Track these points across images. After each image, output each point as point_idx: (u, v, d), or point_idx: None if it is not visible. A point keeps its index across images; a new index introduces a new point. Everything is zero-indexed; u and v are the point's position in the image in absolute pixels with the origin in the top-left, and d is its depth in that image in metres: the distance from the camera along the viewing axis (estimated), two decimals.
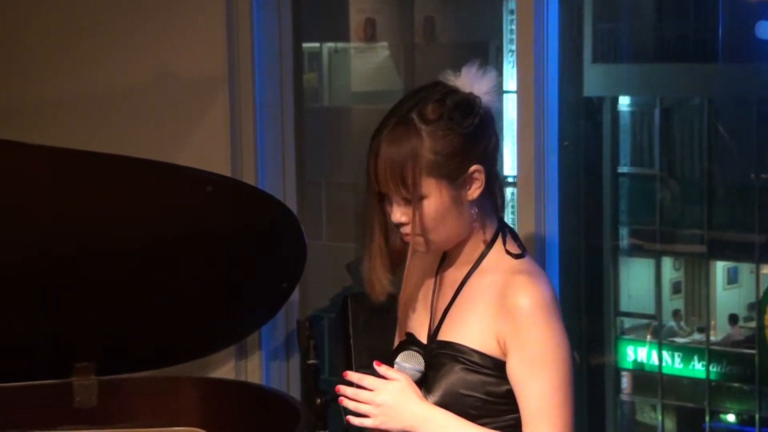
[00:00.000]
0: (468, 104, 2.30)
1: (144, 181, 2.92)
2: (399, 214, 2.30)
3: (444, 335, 2.37)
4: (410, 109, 2.29)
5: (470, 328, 2.33)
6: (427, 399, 2.33)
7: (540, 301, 2.27)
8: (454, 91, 2.31)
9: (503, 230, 2.40)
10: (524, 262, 2.37)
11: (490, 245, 2.37)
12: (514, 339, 2.27)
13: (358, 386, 2.35)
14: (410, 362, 2.36)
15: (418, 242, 2.32)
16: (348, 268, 4.00)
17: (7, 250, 2.86)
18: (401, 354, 2.38)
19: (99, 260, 2.94)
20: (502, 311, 2.29)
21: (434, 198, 2.28)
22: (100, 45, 3.85)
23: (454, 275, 2.41)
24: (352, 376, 2.36)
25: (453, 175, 2.29)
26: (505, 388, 2.30)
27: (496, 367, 2.30)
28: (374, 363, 2.35)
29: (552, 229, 3.20)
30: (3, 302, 2.95)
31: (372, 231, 2.36)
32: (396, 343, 2.50)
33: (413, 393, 2.31)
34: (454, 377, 2.32)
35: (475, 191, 2.32)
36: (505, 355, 2.30)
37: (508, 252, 2.37)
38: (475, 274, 2.37)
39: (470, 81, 2.33)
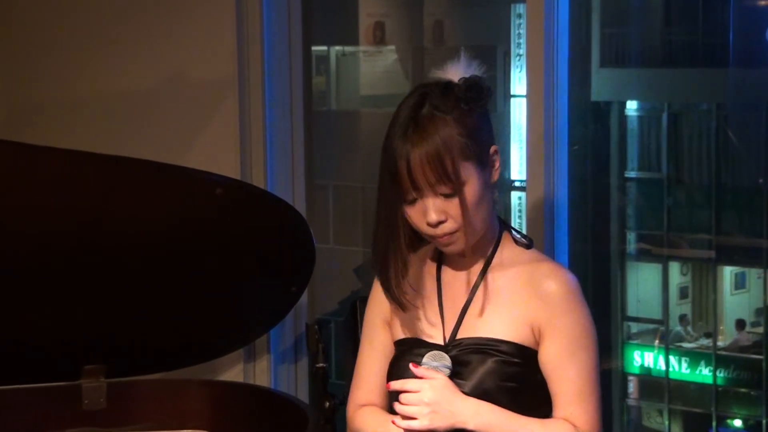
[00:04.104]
0: (477, 84, 2.34)
1: (153, 183, 2.91)
2: (436, 213, 2.30)
3: (467, 332, 2.37)
4: (420, 107, 2.30)
5: (498, 322, 2.35)
6: None
7: (571, 285, 2.33)
8: (449, 81, 2.35)
9: (506, 226, 2.41)
10: (537, 252, 2.42)
11: (498, 241, 2.39)
12: (552, 323, 2.31)
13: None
14: (438, 361, 2.36)
15: (456, 239, 2.32)
16: (356, 271, 4.00)
17: (16, 251, 2.86)
18: (428, 354, 2.37)
19: (108, 262, 2.94)
20: (536, 299, 2.32)
21: (471, 183, 2.30)
22: (110, 48, 3.86)
23: (463, 275, 2.42)
24: (394, 384, 2.36)
25: (480, 157, 2.32)
26: (537, 376, 2.32)
27: (526, 356, 2.33)
28: (411, 365, 2.35)
29: (560, 233, 3.20)
30: (12, 304, 2.95)
31: (399, 242, 2.36)
32: (375, 353, 2.51)
33: (456, 389, 2.32)
34: (487, 369, 2.33)
35: (495, 174, 2.36)
36: (537, 343, 2.32)
37: (519, 244, 2.39)
38: (491, 270, 2.38)
39: (464, 68, 2.37)
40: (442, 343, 2.39)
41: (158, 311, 3.07)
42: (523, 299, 2.33)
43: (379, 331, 2.52)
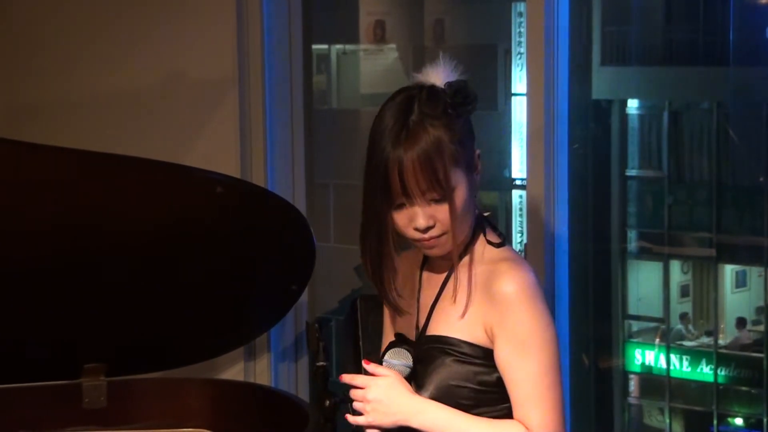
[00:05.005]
0: (463, 89, 2.33)
1: (154, 181, 2.91)
2: (424, 218, 2.30)
3: (432, 330, 2.39)
4: (409, 113, 2.30)
5: (458, 320, 2.35)
6: (420, 393, 2.35)
7: (523, 285, 2.30)
8: (433, 85, 2.34)
9: (482, 222, 2.41)
10: (505, 251, 2.40)
11: (472, 239, 2.39)
12: (501, 324, 2.30)
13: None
14: (398, 358, 2.39)
15: (442, 242, 2.33)
16: (356, 270, 4.00)
17: (16, 250, 2.86)
18: (389, 351, 2.40)
19: (108, 261, 2.94)
20: (488, 299, 2.32)
21: (460, 189, 2.30)
22: (111, 47, 3.86)
23: (437, 274, 2.44)
24: (344, 378, 2.40)
25: (468, 162, 2.32)
26: (495, 376, 2.33)
27: (486, 356, 2.33)
28: (363, 362, 2.39)
29: (561, 232, 3.20)
30: (13, 302, 2.95)
31: (389, 248, 2.37)
32: (385, 344, 2.52)
33: (403, 387, 2.34)
34: (446, 369, 2.34)
35: (477, 177, 2.36)
36: (492, 342, 2.32)
37: (489, 242, 2.39)
38: (459, 268, 2.38)
39: (444, 72, 2.35)
40: (414, 339, 2.42)
41: (158, 310, 3.07)
42: (477, 299, 2.34)
43: (388, 324, 2.56)
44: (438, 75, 2.34)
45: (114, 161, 2.90)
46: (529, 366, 2.28)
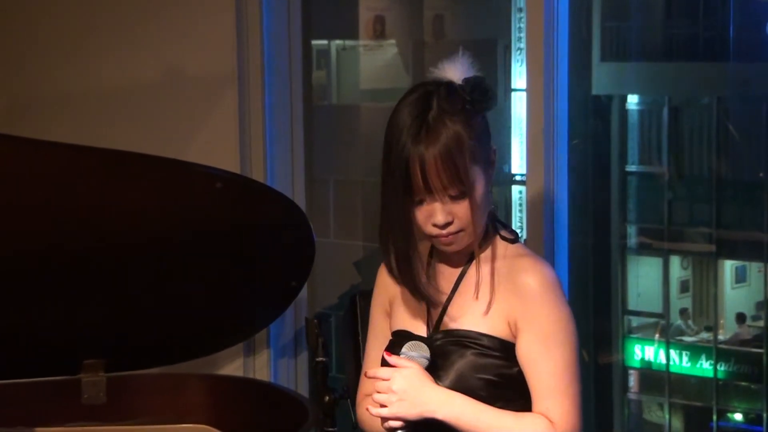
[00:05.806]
0: (481, 85, 2.34)
1: (153, 177, 2.91)
2: (443, 215, 2.31)
3: (449, 325, 2.40)
4: (428, 109, 2.30)
5: (477, 315, 2.36)
6: (438, 384, 2.35)
7: (547, 279, 2.33)
8: (450, 82, 2.34)
9: (494, 220, 2.42)
10: (522, 247, 2.43)
11: (484, 236, 2.39)
12: (526, 318, 2.31)
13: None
14: (416, 351, 2.37)
15: (459, 239, 2.33)
16: (356, 265, 4.00)
17: (16, 246, 2.86)
18: (406, 344, 2.38)
19: (108, 256, 2.94)
20: (512, 293, 2.33)
21: (479, 185, 2.32)
22: (110, 43, 3.86)
23: (450, 269, 2.44)
24: (369, 373, 2.40)
25: (486, 159, 2.34)
26: (516, 370, 2.34)
27: (505, 350, 2.34)
28: (384, 353, 2.37)
29: (561, 227, 3.20)
30: (11, 298, 2.95)
31: (415, 243, 2.38)
32: (374, 342, 2.52)
33: (426, 378, 2.33)
34: (466, 362, 2.34)
35: (493, 174, 2.37)
36: (515, 336, 2.33)
37: (504, 239, 2.39)
38: (473, 264, 2.39)
39: (462, 68, 2.36)
40: (426, 335, 2.41)
41: (158, 305, 3.07)
42: (500, 293, 2.35)
43: (381, 321, 2.55)
44: (455, 71, 2.35)
45: (113, 157, 2.90)
46: (552, 360, 2.30)
